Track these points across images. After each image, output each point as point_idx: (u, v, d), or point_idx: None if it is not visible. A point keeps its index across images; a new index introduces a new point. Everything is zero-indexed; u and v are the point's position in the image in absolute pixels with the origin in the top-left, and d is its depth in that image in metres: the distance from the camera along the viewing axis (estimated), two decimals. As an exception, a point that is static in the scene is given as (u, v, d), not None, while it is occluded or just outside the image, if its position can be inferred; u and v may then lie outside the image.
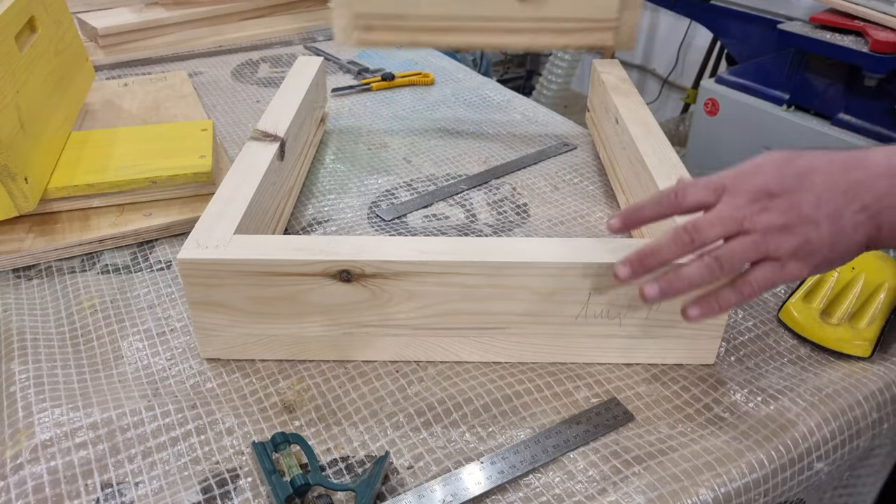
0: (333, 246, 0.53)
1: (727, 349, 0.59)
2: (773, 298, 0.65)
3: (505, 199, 0.80)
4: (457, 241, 0.55)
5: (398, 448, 0.50)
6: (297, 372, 0.57)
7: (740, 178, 0.47)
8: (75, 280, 0.67)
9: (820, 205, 0.45)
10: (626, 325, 0.55)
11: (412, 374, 0.57)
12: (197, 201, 0.75)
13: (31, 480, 0.47)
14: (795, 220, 0.45)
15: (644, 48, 2.91)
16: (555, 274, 0.53)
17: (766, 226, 0.45)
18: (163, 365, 0.57)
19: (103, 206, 0.74)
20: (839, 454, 0.53)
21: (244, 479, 0.48)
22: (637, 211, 0.51)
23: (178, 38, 1.25)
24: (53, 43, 0.82)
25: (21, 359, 0.56)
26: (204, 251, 0.53)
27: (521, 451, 0.50)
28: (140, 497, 0.46)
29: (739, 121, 1.72)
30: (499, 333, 0.56)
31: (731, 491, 0.48)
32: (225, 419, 0.52)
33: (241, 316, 0.55)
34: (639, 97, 0.82)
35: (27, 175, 0.67)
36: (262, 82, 1.12)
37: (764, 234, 0.45)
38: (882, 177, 0.45)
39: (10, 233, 0.70)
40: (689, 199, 0.48)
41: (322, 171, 0.86)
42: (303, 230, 0.74)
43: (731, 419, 0.53)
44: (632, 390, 0.55)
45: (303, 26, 1.34)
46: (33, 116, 0.71)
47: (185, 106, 0.98)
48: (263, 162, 0.66)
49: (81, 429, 0.50)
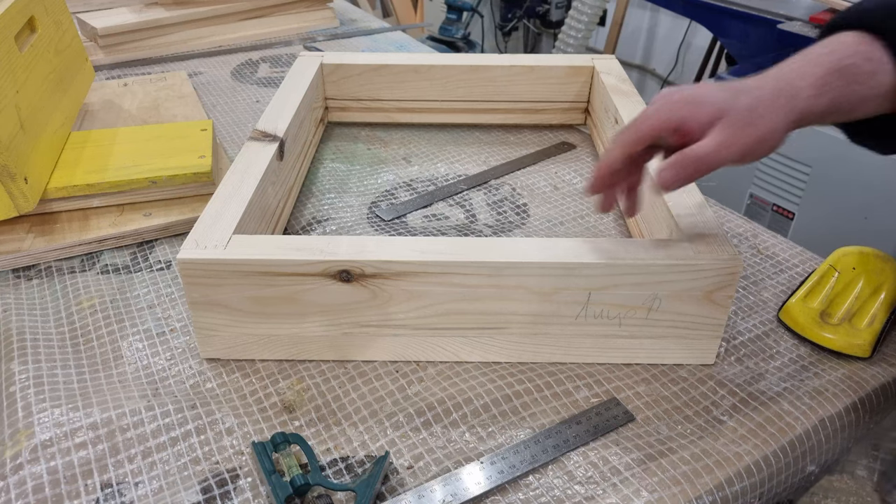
0: (333, 246, 0.53)
1: (727, 349, 0.59)
2: (774, 298, 0.65)
3: (505, 199, 0.80)
4: (457, 241, 0.55)
5: (398, 448, 0.50)
6: (297, 372, 0.57)
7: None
8: (75, 280, 0.67)
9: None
10: (626, 325, 0.55)
11: (412, 374, 0.57)
12: (197, 201, 0.75)
13: (30, 480, 0.47)
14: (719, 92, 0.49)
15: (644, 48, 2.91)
16: (555, 274, 0.53)
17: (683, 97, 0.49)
18: (162, 365, 0.57)
19: (103, 206, 0.74)
20: (830, 456, 0.53)
21: (244, 480, 0.48)
22: (603, 163, 0.52)
23: (177, 38, 1.25)
24: (53, 43, 0.82)
25: (21, 359, 0.56)
26: (203, 251, 0.53)
27: (521, 451, 0.50)
28: (140, 497, 0.46)
29: (739, 121, 1.72)
30: (499, 333, 0.56)
31: (728, 494, 0.48)
32: (225, 419, 0.52)
33: (240, 316, 0.55)
34: (639, 97, 0.82)
35: (27, 175, 0.67)
36: (261, 82, 1.12)
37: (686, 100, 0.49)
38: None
39: (10, 233, 0.70)
40: (643, 123, 0.51)
41: (321, 170, 0.86)
42: (302, 230, 0.74)
43: (730, 421, 0.53)
44: (632, 390, 0.55)
45: (303, 26, 1.34)
46: (33, 116, 0.71)
47: (185, 106, 0.98)
48: (263, 162, 0.66)
49: (81, 429, 0.50)
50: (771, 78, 0.49)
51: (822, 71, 0.48)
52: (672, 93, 0.50)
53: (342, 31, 1.35)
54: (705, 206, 0.60)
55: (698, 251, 0.53)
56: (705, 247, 0.54)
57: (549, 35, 3.21)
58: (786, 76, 0.49)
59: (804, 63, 0.49)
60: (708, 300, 0.54)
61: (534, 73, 0.90)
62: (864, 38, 0.48)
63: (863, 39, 0.48)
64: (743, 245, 0.73)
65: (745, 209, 1.88)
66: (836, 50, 0.49)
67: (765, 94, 0.48)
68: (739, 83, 0.49)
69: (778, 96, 0.48)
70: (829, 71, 0.47)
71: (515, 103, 0.93)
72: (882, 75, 0.47)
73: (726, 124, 0.47)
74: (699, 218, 0.58)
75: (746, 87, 0.49)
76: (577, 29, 2.58)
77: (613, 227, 0.75)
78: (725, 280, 0.53)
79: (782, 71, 0.49)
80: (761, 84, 0.49)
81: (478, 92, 0.92)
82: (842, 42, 0.49)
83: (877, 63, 0.47)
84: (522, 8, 3.13)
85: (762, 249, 0.72)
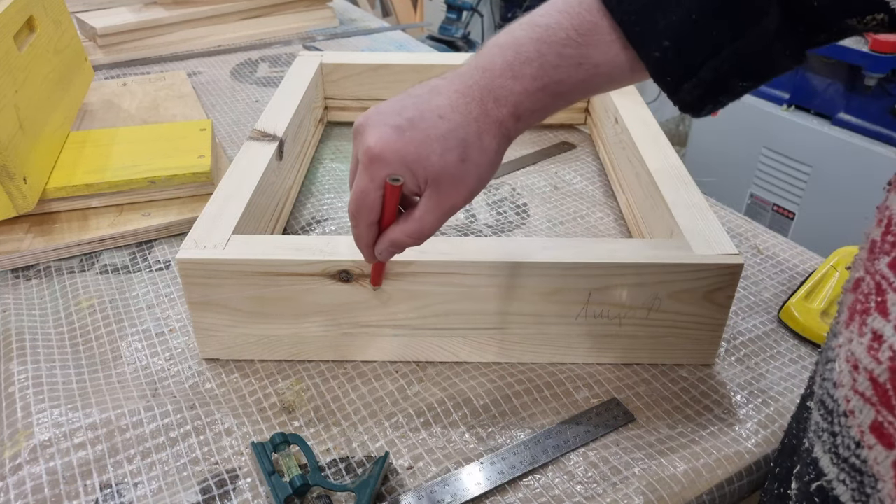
0: (333, 246, 0.53)
1: (727, 349, 0.59)
2: (774, 298, 0.65)
3: (505, 199, 0.80)
4: (457, 241, 0.55)
5: (397, 448, 0.50)
6: (297, 372, 0.57)
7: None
8: (74, 280, 0.67)
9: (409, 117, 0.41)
10: (626, 325, 0.55)
11: (412, 374, 0.57)
12: (196, 201, 0.75)
13: (29, 481, 0.47)
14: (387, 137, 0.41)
15: (644, 48, 2.90)
16: (555, 274, 0.52)
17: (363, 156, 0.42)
18: (162, 365, 0.57)
19: (102, 206, 0.74)
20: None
21: (243, 480, 0.48)
22: (359, 243, 0.46)
23: (177, 37, 1.24)
24: (52, 43, 0.82)
25: (20, 359, 0.56)
26: (202, 251, 0.53)
27: (521, 451, 0.50)
28: (139, 498, 0.46)
29: (739, 120, 1.72)
30: (499, 333, 0.56)
31: (727, 493, 0.48)
32: (224, 420, 0.52)
33: (240, 316, 0.55)
34: (639, 97, 0.82)
35: (26, 175, 0.66)
36: (261, 82, 1.12)
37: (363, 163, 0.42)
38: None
39: (9, 233, 0.70)
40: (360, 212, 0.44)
41: (321, 170, 0.86)
42: (302, 230, 0.74)
43: (731, 420, 0.52)
44: (632, 390, 0.55)
45: (302, 26, 1.34)
46: (32, 116, 0.71)
47: (184, 106, 0.98)
48: (262, 161, 0.66)
49: (80, 429, 0.50)
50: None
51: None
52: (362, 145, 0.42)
53: (342, 31, 1.35)
54: (705, 206, 0.59)
55: (698, 251, 0.53)
56: (705, 247, 0.54)
57: (549, 35, 3.21)
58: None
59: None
60: (708, 300, 0.54)
61: (533, 73, 0.90)
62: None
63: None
64: (743, 245, 0.73)
65: (746, 209, 1.88)
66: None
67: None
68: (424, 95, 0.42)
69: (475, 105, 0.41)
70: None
71: None
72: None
73: (428, 193, 0.42)
74: (699, 218, 0.58)
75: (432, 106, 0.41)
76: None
77: (613, 227, 0.75)
78: (725, 280, 0.53)
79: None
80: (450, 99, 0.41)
81: None
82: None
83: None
84: (522, 7, 3.12)
85: (762, 249, 0.72)
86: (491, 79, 0.41)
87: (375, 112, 0.42)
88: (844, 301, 0.34)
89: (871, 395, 0.29)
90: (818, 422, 0.33)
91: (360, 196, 0.42)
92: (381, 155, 0.40)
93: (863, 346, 0.30)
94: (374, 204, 0.43)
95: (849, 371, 0.31)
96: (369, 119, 0.42)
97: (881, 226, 0.31)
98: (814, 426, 0.34)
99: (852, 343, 0.31)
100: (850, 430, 0.30)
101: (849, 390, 0.30)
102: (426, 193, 0.42)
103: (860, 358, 0.30)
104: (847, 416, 0.31)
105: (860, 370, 0.30)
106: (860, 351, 0.30)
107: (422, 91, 0.43)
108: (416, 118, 0.41)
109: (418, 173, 0.41)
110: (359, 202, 0.43)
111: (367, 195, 0.42)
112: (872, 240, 0.32)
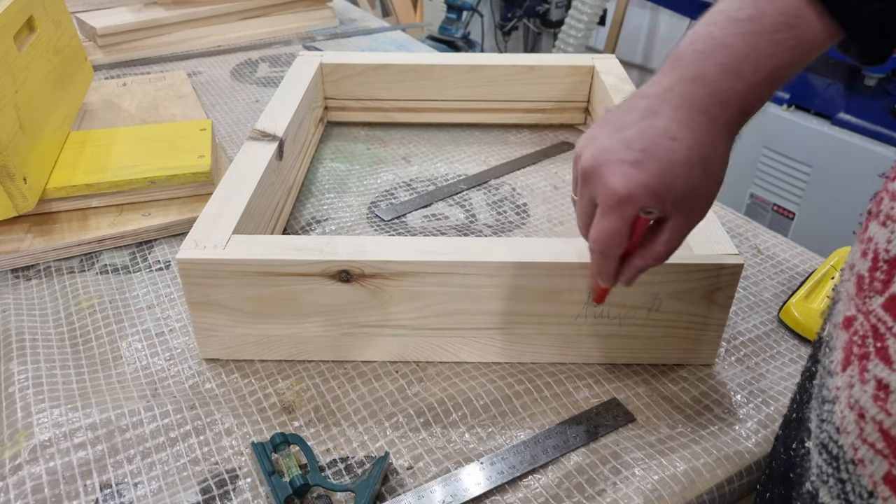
0: (332, 246, 0.53)
1: (727, 349, 0.59)
2: (774, 299, 0.65)
3: (505, 199, 0.80)
4: (456, 241, 0.55)
5: (397, 448, 0.50)
6: (297, 372, 0.57)
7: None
8: (74, 280, 0.67)
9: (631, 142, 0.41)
10: (626, 325, 0.55)
11: (412, 374, 0.57)
12: (196, 201, 0.75)
13: (29, 481, 0.47)
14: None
15: (644, 48, 2.90)
16: (555, 274, 0.52)
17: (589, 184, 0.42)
18: (162, 365, 0.57)
19: (102, 206, 0.74)
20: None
21: (243, 480, 0.48)
22: (602, 275, 0.47)
23: (176, 37, 1.24)
24: (52, 42, 0.82)
25: (20, 359, 0.56)
26: (202, 251, 0.53)
27: (521, 451, 0.50)
28: (139, 498, 0.46)
29: (739, 120, 1.71)
30: (499, 333, 0.56)
31: (727, 492, 0.48)
32: (224, 420, 0.52)
33: (240, 316, 0.55)
34: (639, 97, 0.82)
35: (26, 175, 0.66)
36: (261, 82, 1.12)
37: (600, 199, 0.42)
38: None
39: (9, 233, 0.70)
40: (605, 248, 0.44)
41: (321, 170, 0.86)
42: (301, 230, 0.74)
43: (731, 420, 0.52)
44: (632, 391, 0.55)
45: (302, 26, 1.34)
46: (32, 116, 0.71)
47: (184, 106, 0.98)
48: (262, 161, 0.66)
49: (80, 429, 0.50)
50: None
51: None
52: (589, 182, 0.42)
53: (342, 31, 1.35)
54: (705, 206, 0.59)
55: (698, 251, 0.53)
56: (705, 247, 0.54)
57: (549, 34, 3.21)
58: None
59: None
60: (708, 300, 0.54)
61: (534, 73, 0.90)
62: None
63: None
64: (743, 245, 0.73)
65: (746, 209, 1.88)
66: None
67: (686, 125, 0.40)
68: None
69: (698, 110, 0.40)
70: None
71: (515, 103, 0.93)
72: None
73: (676, 216, 0.42)
74: (699, 218, 0.58)
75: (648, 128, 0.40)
76: (577, 28, 2.58)
77: (613, 227, 0.75)
78: (726, 280, 0.53)
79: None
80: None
81: (478, 92, 0.92)
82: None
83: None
84: (522, 7, 3.12)
85: (762, 249, 0.72)
86: (709, 85, 0.40)
87: (601, 151, 0.41)
88: (836, 336, 0.32)
89: (883, 448, 0.28)
90: (821, 466, 0.33)
91: (609, 237, 0.42)
92: (630, 196, 0.40)
93: (867, 394, 0.29)
94: (624, 240, 0.43)
95: (854, 419, 0.30)
96: (598, 159, 0.41)
97: (866, 259, 0.30)
98: (816, 470, 0.33)
99: (854, 389, 0.30)
100: (860, 478, 0.30)
101: (856, 438, 0.30)
102: (674, 217, 0.42)
103: (866, 407, 0.29)
104: (856, 464, 0.30)
105: (867, 420, 0.29)
106: (865, 399, 0.29)
107: (633, 117, 0.41)
108: (650, 147, 0.40)
109: (666, 200, 0.41)
110: (608, 242, 0.43)
111: (617, 235, 0.42)
112: (859, 274, 0.31)
